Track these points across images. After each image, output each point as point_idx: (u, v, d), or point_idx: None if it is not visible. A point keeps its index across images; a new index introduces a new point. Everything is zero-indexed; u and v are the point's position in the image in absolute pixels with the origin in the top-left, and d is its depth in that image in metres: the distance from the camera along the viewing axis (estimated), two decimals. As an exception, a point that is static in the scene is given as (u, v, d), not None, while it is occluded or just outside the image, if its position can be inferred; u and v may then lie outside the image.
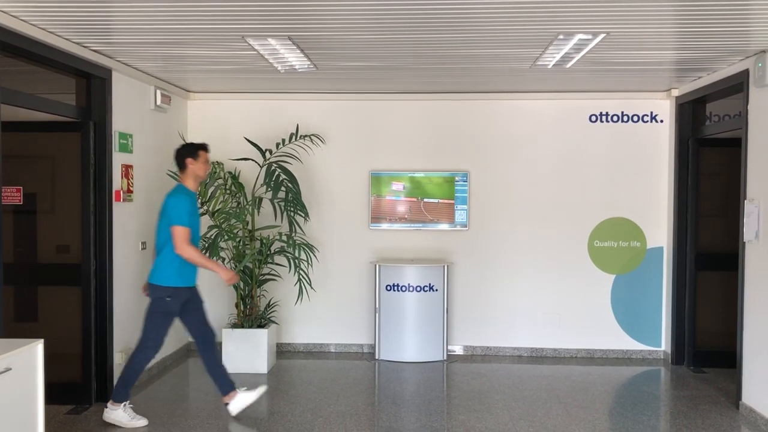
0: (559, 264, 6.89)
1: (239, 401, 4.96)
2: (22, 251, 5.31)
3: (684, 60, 5.25)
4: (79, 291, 5.21)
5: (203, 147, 4.92)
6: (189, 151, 4.86)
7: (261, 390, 5.08)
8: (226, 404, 4.96)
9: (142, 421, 4.75)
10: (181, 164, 4.86)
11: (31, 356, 3.27)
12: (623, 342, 6.87)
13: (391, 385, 5.94)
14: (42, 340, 3.33)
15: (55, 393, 4.47)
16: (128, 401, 4.76)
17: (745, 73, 5.14)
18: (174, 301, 4.74)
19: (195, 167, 4.83)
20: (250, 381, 5.90)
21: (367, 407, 5.31)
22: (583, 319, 6.89)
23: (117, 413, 4.71)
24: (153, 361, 6.10)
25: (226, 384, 4.98)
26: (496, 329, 6.97)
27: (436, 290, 6.63)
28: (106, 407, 4.77)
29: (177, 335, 6.74)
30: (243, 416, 4.97)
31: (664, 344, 6.80)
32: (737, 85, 5.33)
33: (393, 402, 5.41)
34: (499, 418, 4.99)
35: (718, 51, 4.93)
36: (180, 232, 4.61)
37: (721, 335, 6.29)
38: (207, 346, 4.98)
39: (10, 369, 3.08)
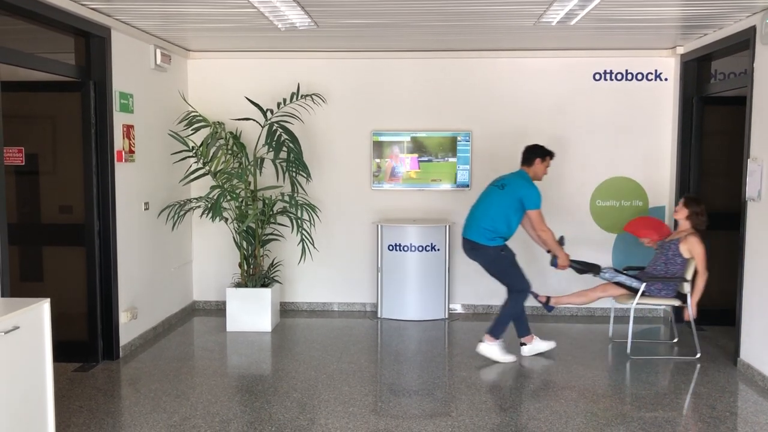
0: (560, 223, 6.87)
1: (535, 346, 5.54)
2: (26, 212, 5.33)
3: (690, 16, 5.18)
4: (84, 251, 5.25)
5: (551, 153, 5.51)
6: (541, 153, 5.45)
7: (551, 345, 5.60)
8: (523, 344, 5.53)
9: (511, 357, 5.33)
10: (529, 160, 5.46)
11: (38, 315, 3.31)
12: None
13: (394, 343, 6.02)
14: (48, 299, 3.37)
15: (62, 351, 4.54)
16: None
17: (752, 30, 5.07)
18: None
19: (539, 168, 5.46)
20: (255, 339, 6.00)
21: (370, 365, 5.38)
22: (585, 278, 6.92)
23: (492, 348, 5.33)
24: (160, 320, 6.20)
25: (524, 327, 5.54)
26: (497, 288, 6.94)
27: (438, 250, 6.66)
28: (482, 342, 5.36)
29: (182, 294, 6.81)
30: (247, 374, 5.04)
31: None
32: (743, 42, 5.26)
33: (395, 359, 5.48)
34: (500, 375, 5.06)
35: (724, 7, 4.85)
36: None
37: (721, 294, 6.32)
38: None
39: (18, 327, 3.12)
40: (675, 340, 6.03)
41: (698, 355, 5.50)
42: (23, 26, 4.65)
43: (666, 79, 6.72)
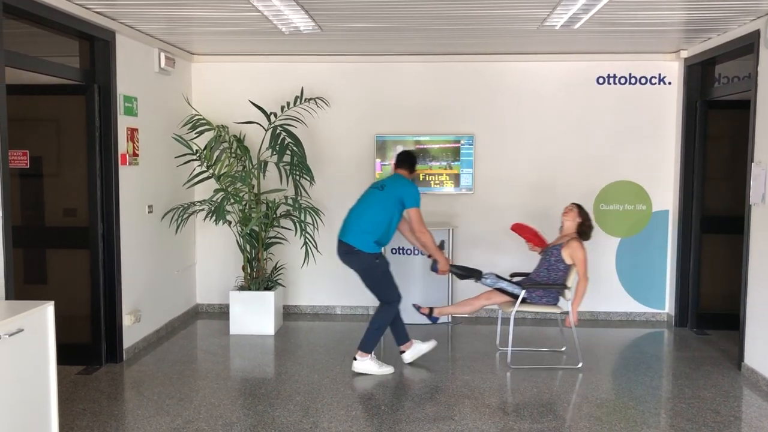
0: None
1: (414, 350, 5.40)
2: (30, 214, 5.34)
3: (694, 20, 5.17)
4: (88, 254, 5.25)
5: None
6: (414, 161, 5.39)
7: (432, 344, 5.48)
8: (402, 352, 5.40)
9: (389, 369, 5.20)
10: (411, 166, 5.38)
11: (42, 317, 3.32)
12: (627, 304, 6.92)
13: (396, 347, 6.00)
14: (52, 302, 3.37)
15: (65, 354, 4.54)
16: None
17: (756, 34, 5.07)
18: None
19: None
20: (258, 342, 6.00)
21: (373, 368, 5.38)
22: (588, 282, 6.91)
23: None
24: (163, 323, 6.20)
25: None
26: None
27: (442, 253, 6.65)
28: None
29: (186, 297, 6.82)
30: (250, 377, 5.04)
31: (668, 307, 6.84)
32: (747, 46, 5.26)
33: (398, 363, 5.48)
34: (503, 379, 5.05)
35: (728, 10, 4.85)
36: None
37: (725, 298, 6.33)
38: None
39: (23, 330, 3.13)
40: (563, 348, 5.84)
41: (580, 365, 5.33)
42: (28, 30, 4.66)
43: (670, 83, 6.72)
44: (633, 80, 6.76)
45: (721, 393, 4.79)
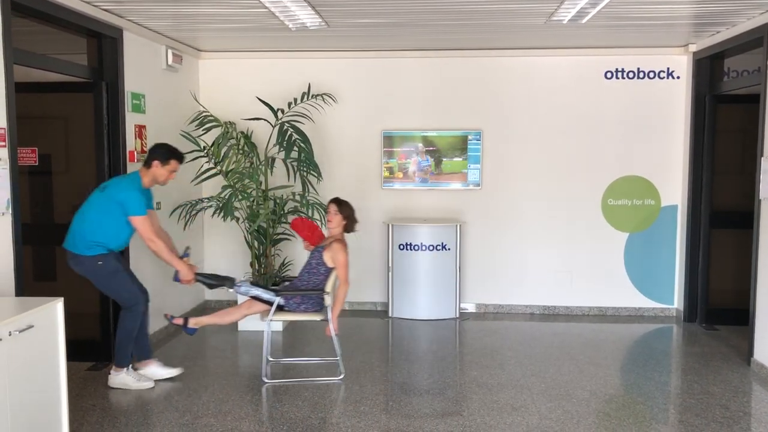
0: (572, 222, 6.88)
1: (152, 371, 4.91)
2: (39, 212, 5.36)
3: (702, 13, 5.14)
4: (96, 250, 5.27)
5: (178, 157, 4.79)
6: (161, 155, 4.71)
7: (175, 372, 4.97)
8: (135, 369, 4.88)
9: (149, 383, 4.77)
10: (147, 162, 4.73)
11: (51, 314, 3.34)
12: (636, 300, 6.90)
13: (405, 342, 6.02)
14: (62, 298, 3.39)
15: (75, 350, 4.56)
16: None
17: (765, 28, 5.03)
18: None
19: (158, 171, 4.71)
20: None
21: (381, 363, 5.39)
22: (596, 277, 6.91)
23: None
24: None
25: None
26: (509, 287, 7.01)
27: (449, 249, 6.66)
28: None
29: (195, 293, 6.84)
30: (259, 373, 5.05)
31: (677, 302, 6.82)
32: (756, 40, 5.22)
33: (406, 358, 5.48)
34: (511, 374, 5.05)
35: (737, 4, 4.82)
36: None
37: (734, 293, 6.30)
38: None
39: (33, 326, 3.15)
40: (337, 357, 5.05)
41: (342, 376, 4.90)
42: (36, 28, 4.68)
43: (678, 78, 6.68)
44: (641, 75, 6.73)
45: (730, 388, 4.77)
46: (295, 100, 6.45)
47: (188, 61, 6.63)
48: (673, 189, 6.79)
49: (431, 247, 6.61)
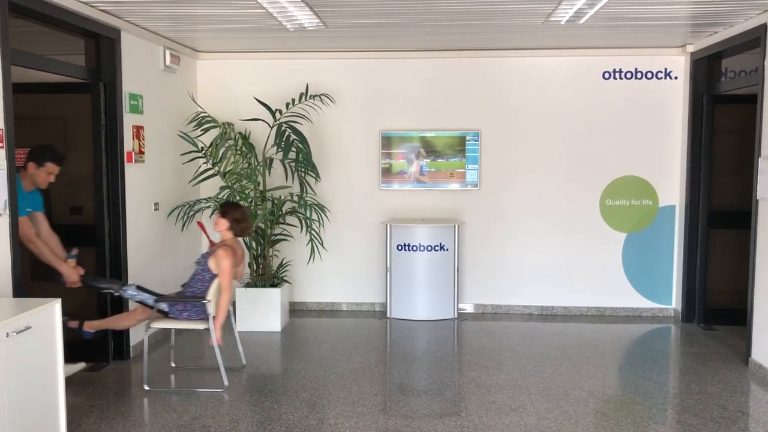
0: (570, 223, 6.88)
1: None
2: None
3: (700, 14, 5.15)
4: (94, 251, 5.27)
5: (55, 158, 4.57)
6: (37, 156, 4.50)
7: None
8: None
9: None
10: (24, 164, 4.50)
11: (49, 315, 3.33)
12: (634, 300, 6.90)
13: (403, 343, 6.02)
14: (60, 300, 3.39)
15: (73, 351, 4.56)
16: None
17: (762, 28, 5.04)
18: None
19: (35, 173, 4.51)
20: (264, 339, 6.01)
21: (380, 364, 5.39)
22: (594, 278, 6.92)
23: None
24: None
25: None
26: (507, 288, 7.01)
27: (447, 250, 6.66)
28: None
29: (191, 295, 6.82)
30: (257, 373, 5.04)
31: (675, 302, 6.82)
32: (754, 40, 5.23)
33: (404, 359, 5.48)
34: (509, 375, 5.05)
35: (734, 4, 4.82)
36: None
37: (732, 293, 6.30)
38: None
39: (30, 327, 3.14)
40: (244, 364, 5.22)
41: (226, 385, 4.74)
42: (34, 28, 4.68)
43: (676, 78, 6.69)
44: (639, 75, 6.73)
45: (728, 388, 4.78)
46: (293, 100, 6.45)
47: (186, 62, 6.63)
48: (671, 189, 6.79)
49: (429, 248, 6.61)
